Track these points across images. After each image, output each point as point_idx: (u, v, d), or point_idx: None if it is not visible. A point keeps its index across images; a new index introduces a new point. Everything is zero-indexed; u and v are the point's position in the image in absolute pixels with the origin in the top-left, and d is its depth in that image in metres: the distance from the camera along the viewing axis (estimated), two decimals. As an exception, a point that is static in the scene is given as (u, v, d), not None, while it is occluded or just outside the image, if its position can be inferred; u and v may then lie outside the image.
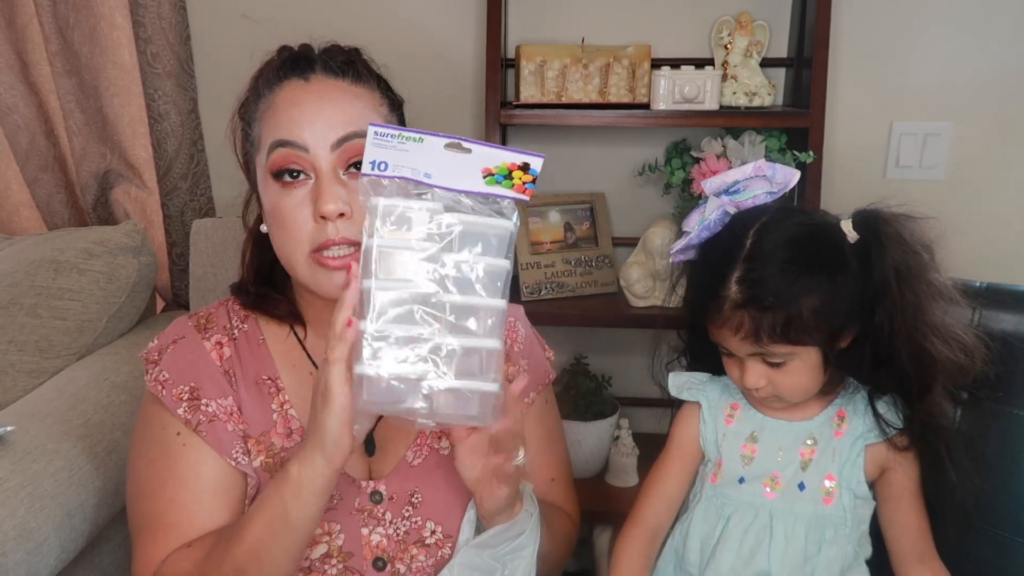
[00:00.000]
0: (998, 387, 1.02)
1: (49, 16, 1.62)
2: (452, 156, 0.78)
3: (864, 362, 0.97)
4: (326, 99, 0.89)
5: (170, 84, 1.66)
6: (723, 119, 1.54)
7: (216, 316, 1.00)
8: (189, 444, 0.92)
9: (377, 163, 0.77)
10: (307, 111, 0.88)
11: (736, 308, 0.92)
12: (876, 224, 0.94)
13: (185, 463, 0.92)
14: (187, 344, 0.96)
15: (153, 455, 0.93)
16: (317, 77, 0.92)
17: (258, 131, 0.92)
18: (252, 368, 0.97)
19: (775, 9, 1.62)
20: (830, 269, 0.93)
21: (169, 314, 1.76)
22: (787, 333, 0.91)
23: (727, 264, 0.94)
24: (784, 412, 1.03)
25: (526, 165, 0.79)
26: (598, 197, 1.70)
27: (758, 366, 0.96)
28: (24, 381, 1.40)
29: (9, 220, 1.87)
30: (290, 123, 0.88)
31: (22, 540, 1.04)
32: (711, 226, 0.98)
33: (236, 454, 0.92)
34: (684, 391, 1.09)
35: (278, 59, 0.95)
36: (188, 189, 1.74)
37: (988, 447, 1.04)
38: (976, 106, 1.63)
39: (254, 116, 0.93)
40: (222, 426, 0.93)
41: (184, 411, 0.92)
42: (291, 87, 0.91)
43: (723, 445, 1.04)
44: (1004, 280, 1.11)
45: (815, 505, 1.00)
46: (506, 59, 1.60)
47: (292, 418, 0.96)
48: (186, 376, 0.94)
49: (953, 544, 1.02)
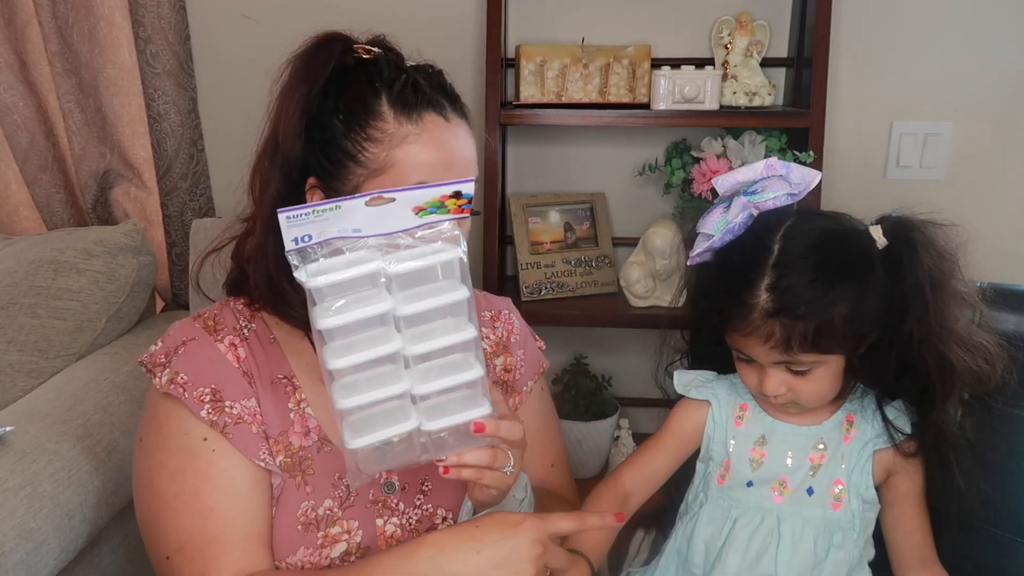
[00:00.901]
0: (1005, 391, 1.02)
1: (49, 16, 1.62)
2: (377, 209, 0.76)
3: (885, 368, 0.97)
4: (467, 147, 0.91)
5: (169, 84, 1.66)
6: (723, 119, 1.54)
7: (223, 317, 0.97)
8: (219, 449, 0.88)
9: (300, 238, 0.74)
10: (455, 162, 0.88)
11: (767, 317, 0.89)
12: (907, 231, 0.93)
13: (218, 469, 0.88)
14: (200, 346, 0.93)
15: (176, 465, 0.89)
16: (454, 118, 0.90)
17: (385, 156, 0.87)
18: (267, 368, 0.95)
19: (775, 9, 1.62)
20: (860, 276, 0.91)
21: (169, 314, 1.76)
22: (818, 342, 0.89)
23: (754, 270, 0.91)
24: (795, 416, 1.02)
25: (457, 193, 0.77)
26: (598, 197, 1.70)
27: (780, 374, 0.94)
28: (24, 381, 1.40)
29: (9, 220, 1.87)
30: (439, 174, 0.86)
31: (22, 540, 1.04)
32: (735, 229, 0.95)
33: (264, 455, 0.90)
34: (692, 389, 1.07)
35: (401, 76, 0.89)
36: (188, 189, 1.74)
37: (989, 448, 1.04)
38: (976, 106, 1.63)
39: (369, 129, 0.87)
40: (247, 428, 0.90)
41: (208, 413, 0.88)
42: (435, 125, 0.88)
43: (732, 446, 1.03)
44: (1004, 280, 1.11)
45: (824, 510, 0.99)
46: (506, 59, 1.60)
47: (309, 416, 0.95)
48: (205, 378, 0.90)
49: (956, 546, 1.02)
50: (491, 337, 1.08)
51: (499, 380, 1.07)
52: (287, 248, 0.75)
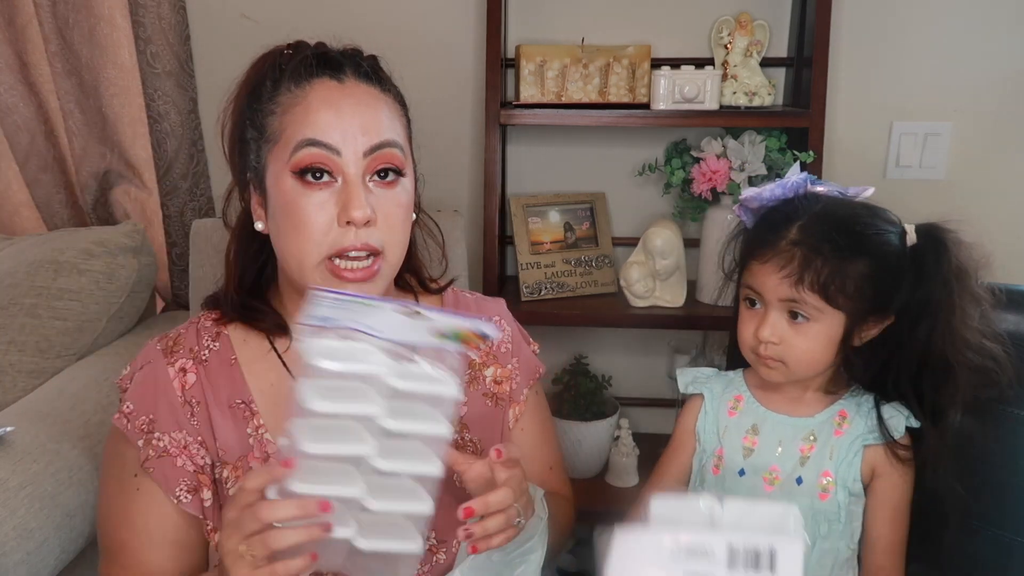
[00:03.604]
0: (1005, 391, 1.02)
1: (49, 16, 1.62)
2: (400, 318, 0.76)
3: (898, 366, 1.00)
4: (362, 104, 0.90)
5: (170, 84, 1.66)
6: (723, 119, 1.54)
7: (185, 338, 0.97)
8: (143, 488, 0.91)
9: (320, 317, 0.74)
10: (344, 115, 0.88)
11: (791, 245, 0.96)
12: (939, 232, 0.99)
13: (136, 510, 0.91)
14: (151, 371, 0.94)
15: (112, 491, 0.94)
16: (350, 80, 0.91)
17: (277, 123, 0.89)
18: (224, 391, 0.95)
19: (775, 9, 1.62)
20: (886, 248, 0.97)
21: (169, 314, 1.76)
22: (827, 287, 0.94)
23: (795, 213, 0.98)
24: (786, 407, 1.05)
25: (483, 336, 0.77)
26: (598, 197, 1.71)
27: (780, 319, 0.98)
28: (24, 381, 1.40)
29: (9, 220, 1.87)
30: (325, 124, 0.87)
31: (22, 540, 1.04)
32: (786, 187, 1.01)
33: (180, 492, 0.91)
34: (690, 386, 1.12)
35: (300, 54, 0.92)
36: (188, 189, 1.74)
37: (989, 447, 1.04)
38: (976, 106, 1.63)
39: (269, 107, 0.90)
40: (171, 461, 0.91)
41: (143, 444, 0.91)
42: (324, 86, 0.89)
43: (724, 436, 1.07)
44: (1004, 280, 1.11)
45: (811, 500, 1.01)
46: (506, 59, 1.60)
47: (268, 442, 0.94)
48: (146, 406, 0.92)
49: (956, 546, 1.02)
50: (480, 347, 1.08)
51: (489, 392, 1.04)
52: (303, 319, 0.73)
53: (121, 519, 0.92)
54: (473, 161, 1.72)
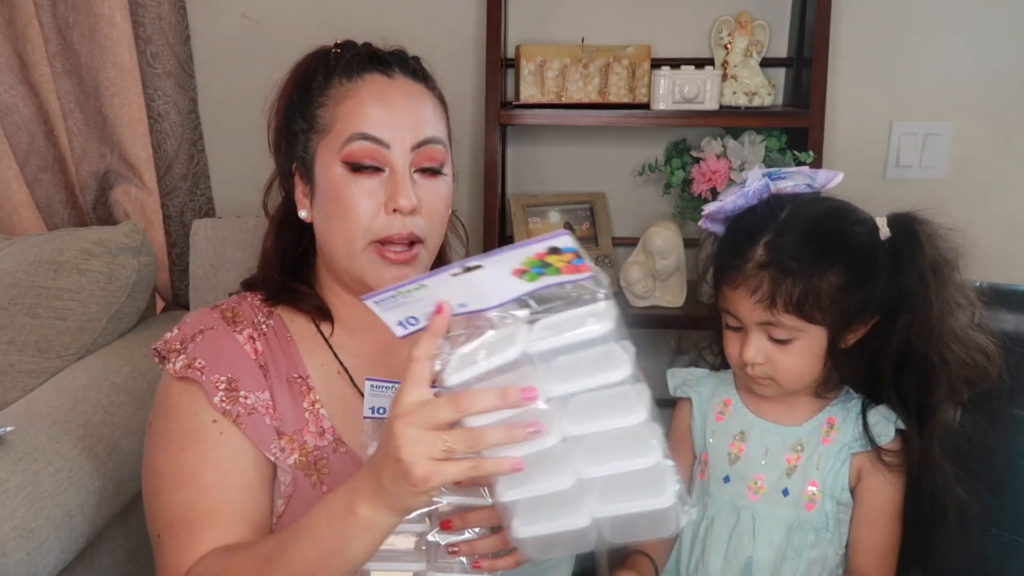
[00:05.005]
0: (1005, 391, 1.02)
1: (49, 16, 1.62)
2: (467, 279, 0.67)
3: (881, 365, 0.98)
4: (410, 100, 0.93)
5: (170, 84, 1.66)
6: (723, 119, 1.54)
7: (241, 310, 0.98)
8: (227, 433, 0.89)
9: (404, 322, 0.70)
10: (394, 109, 0.92)
11: (758, 268, 0.93)
12: (911, 224, 0.96)
13: (224, 451, 0.88)
14: (218, 335, 0.94)
15: (182, 444, 0.89)
16: (399, 76, 0.95)
17: (329, 115, 0.93)
18: (283, 365, 0.96)
19: (775, 9, 1.62)
20: (857, 251, 0.94)
21: (170, 314, 1.76)
22: (802, 306, 0.92)
23: (758, 230, 0.95)
24: (774, 413, 1.03)
25: (555, 249, 0.66)
26: (598, 197, 1.70)
27: (761, 340, 0.96)
28: (24, 381, 1.40)
29: (9, 220, 1.87)
30: (376, 118, 0.91)
31: (22, 540, 1.04)
32: (748, 195, 0.98)
33: (275, 449, 0.90)
34: (679, 389, 1.10)
35: (350, 51, 0.95)
36: (188, 189, 1.74)
37: (988, 447, 1.04)
38: (976, 106, 1.63)
39: (320, 99, 0.93)
40: (260, 419, 0.90)
41: (221, 400, 0.89)
42: (375, 81, 0.93)
43: (711, 441, 1.05)
44: (1004, 280, 1.11)
45: (797, 510, 0.99)
46: (506, 59, 1.60)
47: (323, 417, 0.95)
48: (222, 366, 0.91)
49: (956, 546, 1.02)
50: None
51: None
52: (397, 333, 0.71)
53: (201, 464, 0.87)
54: (473, 161, 1.72)
